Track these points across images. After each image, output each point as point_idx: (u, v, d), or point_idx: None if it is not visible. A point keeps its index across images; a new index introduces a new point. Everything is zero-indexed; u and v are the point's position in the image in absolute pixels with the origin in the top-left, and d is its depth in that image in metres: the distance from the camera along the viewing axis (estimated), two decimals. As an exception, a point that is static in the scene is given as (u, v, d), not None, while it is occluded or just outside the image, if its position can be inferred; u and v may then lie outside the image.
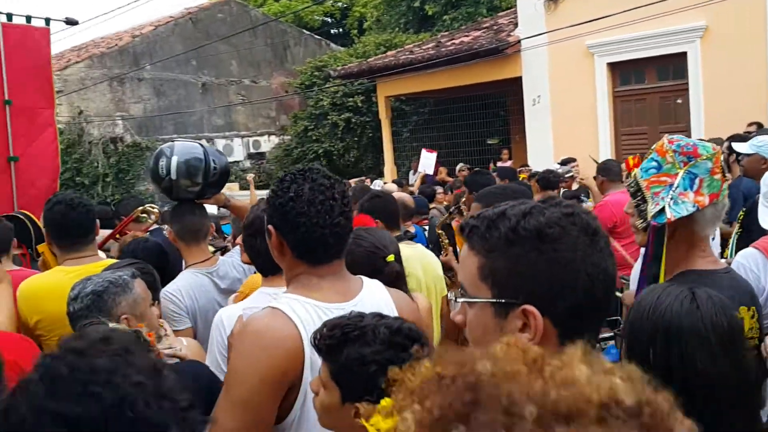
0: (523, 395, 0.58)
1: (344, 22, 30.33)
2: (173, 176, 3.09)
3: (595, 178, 5.75)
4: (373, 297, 1.75)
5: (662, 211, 1.96)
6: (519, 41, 12.62)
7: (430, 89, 14.82)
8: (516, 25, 13.05)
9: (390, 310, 1.72)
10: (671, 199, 1.94)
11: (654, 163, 2.03)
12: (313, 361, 1.56)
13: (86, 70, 18.60)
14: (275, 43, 22.60)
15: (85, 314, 2.11)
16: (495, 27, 14.33)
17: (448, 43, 14.54)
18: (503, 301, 1.11)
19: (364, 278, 1.84)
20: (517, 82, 12.92)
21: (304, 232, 1.67)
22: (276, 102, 22.32)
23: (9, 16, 5.74)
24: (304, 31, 24.79)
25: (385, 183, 12.64)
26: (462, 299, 1.19)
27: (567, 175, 7.56)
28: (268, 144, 22.39)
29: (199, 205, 3.23)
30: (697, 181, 1.95)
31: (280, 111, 22.80)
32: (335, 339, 1.39)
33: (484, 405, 0.58)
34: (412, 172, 14.37)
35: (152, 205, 4.41)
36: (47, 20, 6.02)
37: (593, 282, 1.09)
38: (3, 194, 5.46)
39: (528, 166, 10.73)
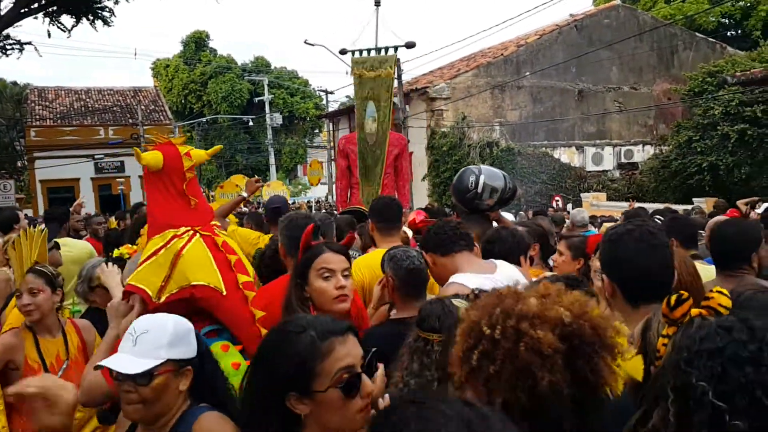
0: (512, 304, 1.13)
1: (745, 23, 26.95)
2: (478, 190, 3.70)
3: None
4: (507, 270, 2.68)
5: None
6: None
7: None
8: None
9: (521, 278, 2.52)
10: None
11: None
12: None
13: (473, 79, 20.17)
14: (662, 48, 21.24)
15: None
16: None
17: None
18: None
19: (497, 261, 2.81)
20: None
21: None
22: (656, 110, 20.99)
23: (379, 50, 7.05)
24: (697, 34, 22.74)
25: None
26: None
27: None
28: (641, 154, 21.24)
29: (487, 216, 3.82)
30: None
31: (660, 120, 21.38)
32: None
33: (486, 305, 1.16)
34: (823, 195, 12.03)
35: None
36: (395, 47, 7.25)
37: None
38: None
39: None
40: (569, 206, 15.20)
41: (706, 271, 3.07)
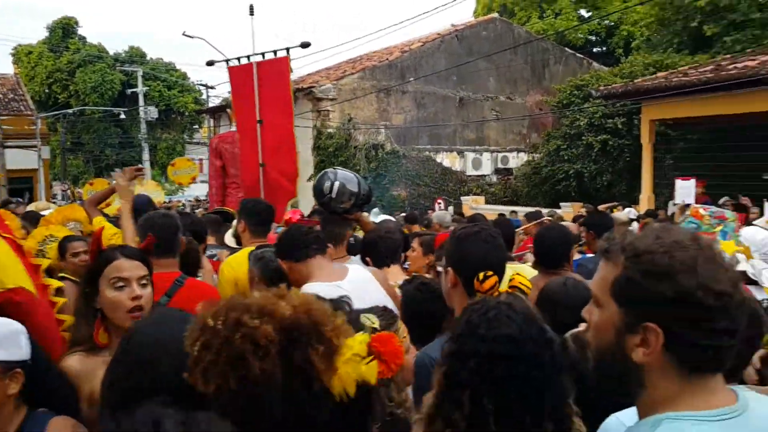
0: (239, 299, 1.20)
1: (609, 41, 29.25)
2: (333, 195, 3.91)
3: None
4: (358, 274, 2.98)
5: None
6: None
7: (702, 115, 13.59)
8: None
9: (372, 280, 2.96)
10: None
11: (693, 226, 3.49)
12: None
13: (358, 81, 20.41)
14: (535, 61, 22.58)
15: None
16: (789, 51, 12.79)
17: (730, 67, 13.24)
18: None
19: (350, 265, 2.98)
20: (814, 113, 11.32)
21: None
22: (529, 119, 22.27)
23: (263, 54, 6.71)
24: (567, 49, 24.39)
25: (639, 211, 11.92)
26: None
27: None
28: (516, 160, 22.45)
29: (344, 218, 4.04)
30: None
31: (532, 129, 22.71)
32: None
33: (217, 303, 1.21)
34: (672, 202, 13.37)
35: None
36: (287, 49, 6.80)
37: None
38: (256, 193, 6.53)
39: None
40: (450, 208, 15.82)
41: (524, 270, 3.39)
